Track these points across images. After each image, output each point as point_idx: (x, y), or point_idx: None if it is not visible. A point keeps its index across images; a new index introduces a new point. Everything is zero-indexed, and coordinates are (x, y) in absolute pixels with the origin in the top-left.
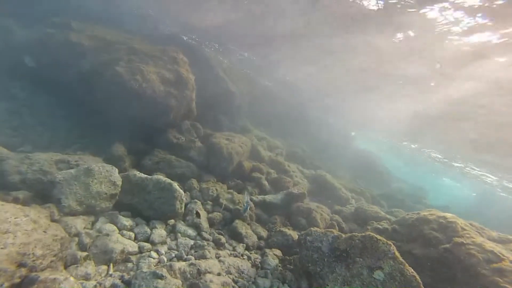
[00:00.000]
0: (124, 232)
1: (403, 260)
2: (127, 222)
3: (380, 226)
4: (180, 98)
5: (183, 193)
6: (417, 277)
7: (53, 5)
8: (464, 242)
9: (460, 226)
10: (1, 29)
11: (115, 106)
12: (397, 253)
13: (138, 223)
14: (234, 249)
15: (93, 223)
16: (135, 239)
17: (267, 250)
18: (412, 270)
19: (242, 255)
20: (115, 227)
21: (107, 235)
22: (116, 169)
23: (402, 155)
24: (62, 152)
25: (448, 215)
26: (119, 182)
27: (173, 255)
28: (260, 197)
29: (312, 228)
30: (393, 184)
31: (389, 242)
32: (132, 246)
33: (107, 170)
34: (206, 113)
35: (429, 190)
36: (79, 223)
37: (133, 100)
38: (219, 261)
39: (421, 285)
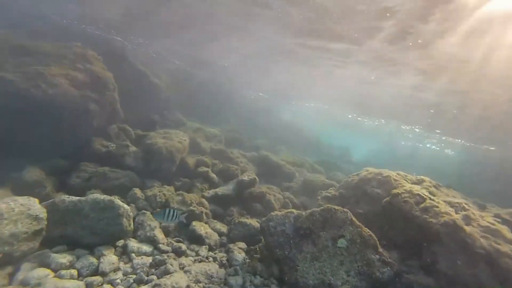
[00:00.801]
0: (63, 272)
1: (359, 223)
2: (63, 258)
3: (328, 194)
4: (101, 101)
5: (128, 207)
6: (373, 235)
7: None
8: (399, 192)
9: (393, 179)
10: None
11: (14, 123)
12: (353, 218)
13: (79, 256)
14: (197, 254)
15: (11, 275)
16: (80, 276)
17: (231, 246)
18: (368, 230)
19: (207, 258)
20: (47, 271)
21: (39, 284)
22: (35, 200)
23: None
24: None
25: (383, 170)
26: (43, 214)
27: (131, 280)
28: (212, 192)
29: (272, 213)
30: (324, 149)
31: (345, 209)
32: (78, 287)
33: (21, 204)
34: (133, 112)
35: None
36: None
37: (38, 111)
38: (185, 271)
39: (377, 243)
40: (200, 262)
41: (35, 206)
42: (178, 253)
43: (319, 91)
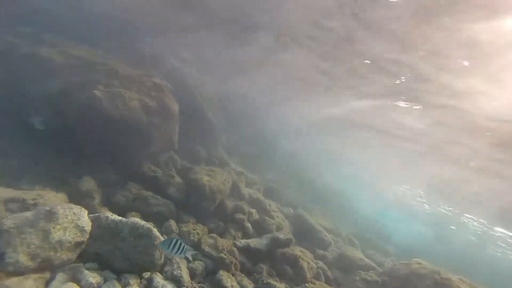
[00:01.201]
0: None
1: None
2: (93, 278)
3: (368, 277)
4: (163, 130)
5: (162, 238)
6: None
7: (18, 11)
8: None
9: (456, 284)
10: None
11: (88, 133)
12: None
13: (106, 279)
14: None
15: (48, 282)
16: None
17: None
18: None
19: None
20: (77, 287)
21: None
22: (86, 212)
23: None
24: (15, 185)
25: (442, 270)
26: (88, 227)
27: None
28: (244, 242)
29: (307, 285)
30: (359, 220)
31: None
32: None
33: (74, 213)
34: (183, 142)
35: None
36: (28, 285)
37: (110, 128)
38: None
39: None
40: None
41: (84, 217)
42: None
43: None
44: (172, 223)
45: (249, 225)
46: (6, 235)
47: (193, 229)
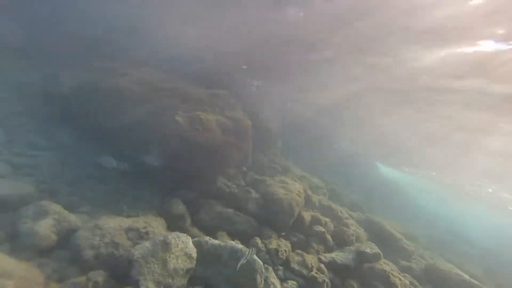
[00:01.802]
0: None
1: None
2: None
3: None
4: (239, 147)
5: (261, 263)
6: None
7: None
8: None
9: None
10: (47, 74)
11: (169, 155)
12: None
13: None
14: None
15: None
16: None
17: None
18: None
19: None
20: None
21: None
22: (190, 238)
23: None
24: (119, 211)
25: None
26: (194, 254)
27: None
28: (329, 257)
29: None
30: (426, 218)
31: None
32: None
33: (182, 241)
34: None
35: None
36: None
37: (190, 150)
38: None
39: None
40: None
41: (190, 244)
42: None
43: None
44: (258, 240)
45: (329, 237)
46: (137, 264)
47: (278, 246)
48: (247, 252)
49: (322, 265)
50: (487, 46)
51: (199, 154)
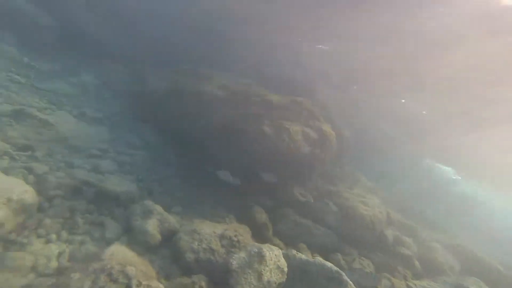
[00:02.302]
0: None
1: None
2: None
3: None
4: (323, 160)
5: (353, 285)
6: None
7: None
8: None
9: None
10: (136, 76)
11: (252, 163)
12: None
13: None
14: None
15: None
16: None
17: None
18: None
19: None
20: None
21: None
22: (280, 251)
23: None
24: (204, 213)
25: None
26: (285, 268)
27: None
28: (420, 286)
29: None
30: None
31: None
32: None
33: (275, 255)
34: None
35: None
36: None
37: (275, 160)
38: None
39: None
40: None
41: (281, 258)
42: None
43: None
44: (340, 257)
45: (417, 263)
46: (235, 274)
47: (362, 265)
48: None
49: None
50: None
51: (283, 165)
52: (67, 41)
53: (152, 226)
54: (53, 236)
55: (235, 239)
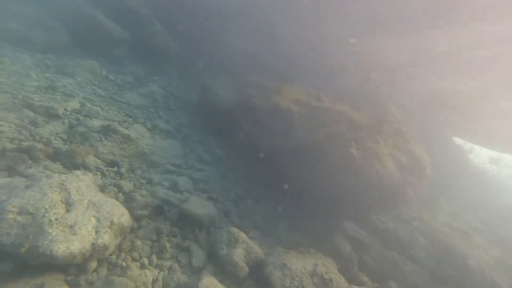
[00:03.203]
0: None
1: None
2: None
3: None
4: (415, 187)
5: None
6: None
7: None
8: None
9: None
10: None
11: (333, 186)
12: None
13: None
14: None
15: None
16: None
17: None
18: None
19: None
20: None
21: None
22: None
23: None
24: (279, 238)
25: None
26: None
27: None
28: None
29: None
30: None
31: None
32: None
33: None
34: None
35: None
36: None
37: (363, 185)
38: None
39: None
40: None
41: None
42: None
43: None
44: None
45: None
46: None
47: None
48: None
49: None
50: None
51: (372, 192)
52: (137, 52)
53: (239, 257)
54: (145, 261)
55: (327, 277)
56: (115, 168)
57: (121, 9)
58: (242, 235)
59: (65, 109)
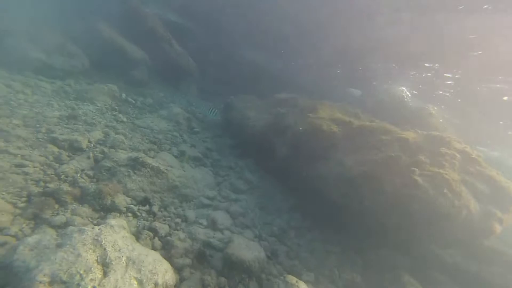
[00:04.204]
0: None
1: None
2: None
3: None
4: (503, 220)
5: None
6: None
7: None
8: None
9: None
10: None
11: (400, 224)
12: None
13: None
14: None
15: None
16: None
17: None
18: None
19: None
20: None
21: None
22: None
23: None
24: (336, 279)
25: None
26: None
27: None
28: None
29: None
30: None
31: None
32: None
33: None
34: None
35: None
36: None
37: (435, 221)
38: None
39: None
40: None
41: None
42: None
43: None
44: None
45: None
46: None
47: None
48: None
49: None
50: None
51: (446, 226)
52: (156, 72)
53: None
54: None
55: None
56: (147, 207)
57: (139, 30)
58: (302, 285)
59: (89, 141)
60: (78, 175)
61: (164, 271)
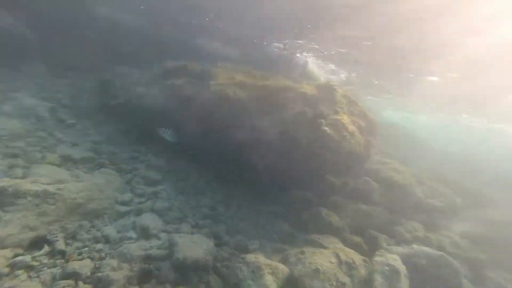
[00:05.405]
0: None
1: None
2: None
3: None
4: (374, 146)
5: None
6: None
7: None
8: None
9: None
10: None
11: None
12: None
13: None
14: None
15: None
16: None
17: None
18: None
19: None
20: None
21: None
22: (397, 257)
23: None
24: (275, 242)
25: None
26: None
27: None
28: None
29: None
30: None
31: None
32: None
33: (397, 263)
34: None
35: None
36: None
37: (341, 160)
38: None
39: None
40: None
41: (400, 263)
42: None
43: None
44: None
45: None
46: None
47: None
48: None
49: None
50: None
51: (347, 162)
52: None
53: (272, 285)
54: None
55: (350, 260)
56: (45, 248)
57: None
58: (261, 259)
59: None
60: None
61: None
